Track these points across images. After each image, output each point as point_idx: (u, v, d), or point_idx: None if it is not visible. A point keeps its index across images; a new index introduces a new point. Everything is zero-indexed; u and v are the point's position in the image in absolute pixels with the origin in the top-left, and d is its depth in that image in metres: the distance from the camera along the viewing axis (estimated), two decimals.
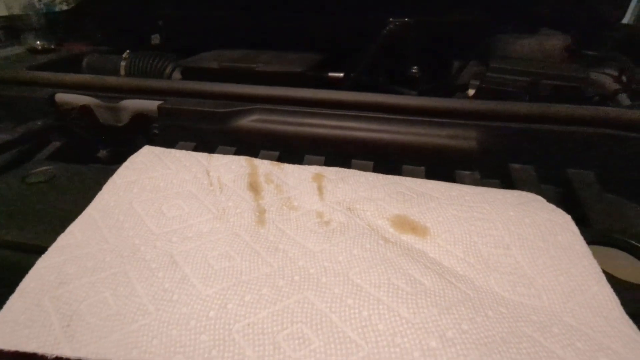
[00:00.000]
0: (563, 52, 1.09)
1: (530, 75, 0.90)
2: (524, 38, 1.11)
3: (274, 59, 1.11)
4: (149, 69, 1.19)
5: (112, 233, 0.29)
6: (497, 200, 0.32)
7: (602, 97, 0.94)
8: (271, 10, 1.34)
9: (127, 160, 0.37)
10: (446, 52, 1.19)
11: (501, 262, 0.26)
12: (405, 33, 1.06)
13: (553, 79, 0.89)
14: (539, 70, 0.91)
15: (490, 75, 0.95)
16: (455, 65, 1.14)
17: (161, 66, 1.24)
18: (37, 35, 1.19)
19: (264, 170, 0.37)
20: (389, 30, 1.03)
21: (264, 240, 0.28)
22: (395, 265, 0.26)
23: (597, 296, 0.24)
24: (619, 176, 0.47)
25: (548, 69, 0.92)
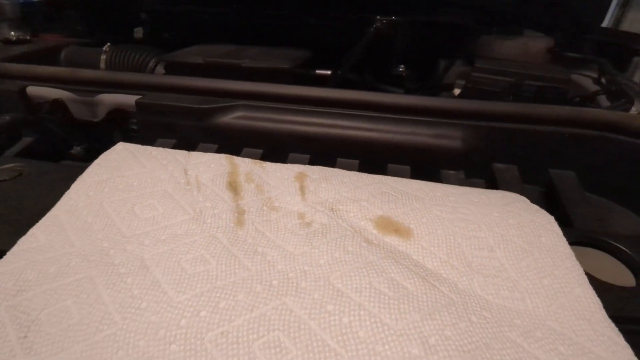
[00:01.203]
0: (546, 53, 1.11)
1: (514, 76, 0.91)
2: (508, 39, 1.12)
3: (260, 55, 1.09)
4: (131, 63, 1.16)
5: (78, 235, 0.27)
6: (481, 200, 0.31)
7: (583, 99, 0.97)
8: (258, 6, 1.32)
9: (99, 158, 0.35)
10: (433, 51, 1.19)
11: (485, 265, 0.26)
12: (391, 31, 1.06)
13: (536, 80, 0.90)
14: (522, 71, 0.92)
15: (475, 75, 0.96)
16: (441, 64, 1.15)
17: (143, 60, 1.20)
18: (12, 25, 1.14)
19: (245, 169, 0.36)
20: (375, 28, 1.02)
21: (242, 242, 0.27)
22: (378, 268, 0.25)
23: (580, 299, 0.23)
24: (599, 176, 0.47)
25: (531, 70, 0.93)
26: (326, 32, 1.33)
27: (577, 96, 0.96)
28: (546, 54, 1.10)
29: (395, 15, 1.29)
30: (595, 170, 0.47)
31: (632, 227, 0.45)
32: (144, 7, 1.49)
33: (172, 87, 0.57)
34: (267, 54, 1.11)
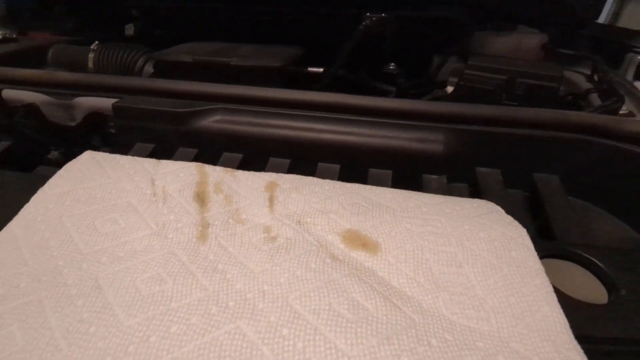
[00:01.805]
0: (540, 50, 1.10)
1: (507, 74, 0.90)
2: (502, 36, 1.11)
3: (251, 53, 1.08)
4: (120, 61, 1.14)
5: (33, 253, 0.26)
6: (454, 212, 0.30)
7: (575, 96, 0.95)
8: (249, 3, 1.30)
9: (63, 168, 0.34)
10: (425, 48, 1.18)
11: (452, 282, 0.25)
12: (381, 28, 1.04)
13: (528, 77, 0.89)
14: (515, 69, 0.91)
15: (467, 72, 0.95)
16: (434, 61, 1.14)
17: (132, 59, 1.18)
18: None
19: (215, 179, 0.35)
20: (365, 26, 1.01)
21: (202, 259, 0.26)
22: (339, 287, 0.24)
23: (546, 318, 0.23)
24: (583, 180, 0.46)
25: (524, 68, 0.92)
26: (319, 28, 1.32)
27: (570, 94, 0.95)
28: (540, 50, 1.09)
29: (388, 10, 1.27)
30: (580, 174, 0.47)
31: (615, 232, 0.44)
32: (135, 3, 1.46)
33: (152, 90, 0.56)
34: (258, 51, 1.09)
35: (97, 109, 0.55)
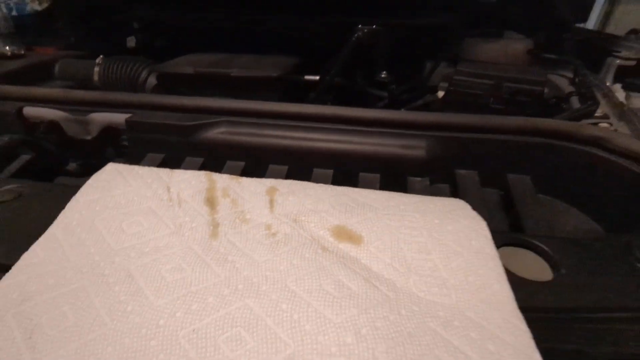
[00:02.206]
0: (526, 55, 1.16)
1: (494, 79, 0.96)
2: (490, 42, 1.16)
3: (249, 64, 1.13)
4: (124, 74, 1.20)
5: (73, 251, 0.31)
6: (427, 209, 0.36)
7: (559, 99, 1.01)
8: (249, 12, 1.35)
9: (91, 179, 0.39)
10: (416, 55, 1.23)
11: (422, 266, 0.30)
12: (373, 39, 1.10)
13: (514, 82, 0.95)
14: (501, 74, 0.97)
15: (456, 78, 1.01)
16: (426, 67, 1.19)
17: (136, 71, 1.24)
18: (6, 40, 1.17)
19: (222, 185, 0.40)
20: (357, 37, 1.06)
21: (214, 252, 0.32)
22: (328, 272, 0.29)
23: (496, 293, 0.28)
24: (551, 179, 0.52)
25: (510, 73, 0.98)
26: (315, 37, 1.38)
27: (554, 97, 1.01)
28: (526, 55, 1.15)
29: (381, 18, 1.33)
30: (548, 174, 0.52)
31: (579, 224, 0.49)
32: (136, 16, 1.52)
33: (160, 105, 0.61)
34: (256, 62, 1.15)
35: (111, 123, 0.61)
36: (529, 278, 0.31)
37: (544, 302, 0.28)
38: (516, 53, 1.13)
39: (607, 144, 0.47)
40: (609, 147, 0.47)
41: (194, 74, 1.11)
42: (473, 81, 0.97)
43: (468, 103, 0.99)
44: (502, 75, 0.94)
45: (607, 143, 0.47)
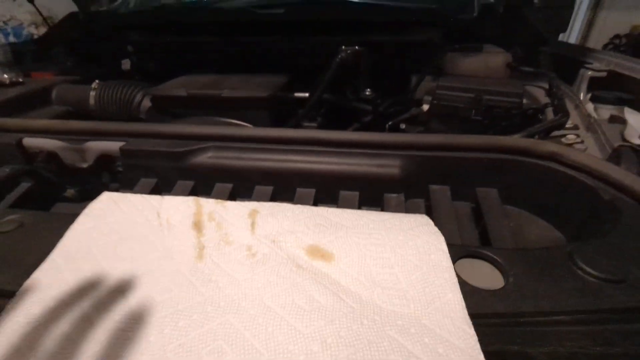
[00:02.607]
0: (505, 68, 1.22)
1: (474, 92, 1.01)
2: (470, 56, 1.22)
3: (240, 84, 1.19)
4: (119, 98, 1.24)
5: (72, 276, 0.35)
6: (393, 226, 0.40)
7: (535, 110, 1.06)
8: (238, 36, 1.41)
9: (87, 208, 0.43)
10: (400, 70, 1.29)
11: (385, 279, 0.34)
12: (356, 59, 1.15)
13: (493, 94, 1.00)
14: (481, 87, 1.02)
15: (439, 92, 1.06)
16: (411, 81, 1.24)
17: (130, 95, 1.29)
18: (5, 69, 1.21)
19: (208, 209, 0.44)
20: (341, 58, 1.12)
21: (200, 273, 0.35)
22: (300, 288, 0.33)
23: (449, 302, 0.31)
24: (516, 192, 0.56)
25: (489, 86, 1.03)
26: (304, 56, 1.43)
27: (531, 108, 1.06)
28: (505, 68, 1.20)
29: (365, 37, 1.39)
30: (513, 187, 0.56)
31: (542, 233, 0.53)
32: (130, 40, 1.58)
33: (152, 133, 0.65)
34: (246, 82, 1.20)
35: (106, 151, 0.65)
36: (482, 287, 0.34)
37: (493, 308, 0.32)
38: (496, 66, 1.18)
39: (562, 158, 0.52)
40: (564, 162, 0.51)
41: (186, 96, 1.16)
42: (455, 95, 1.03)
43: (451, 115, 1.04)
44: (482, 88, 1.00)
45: (562, 158, 0.52)
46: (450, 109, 1.02)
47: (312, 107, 1.13)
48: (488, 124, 0.98)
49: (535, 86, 1.11)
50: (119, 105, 1.21)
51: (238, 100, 1.11)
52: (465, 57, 1.19)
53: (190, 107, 1.14)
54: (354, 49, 1.12)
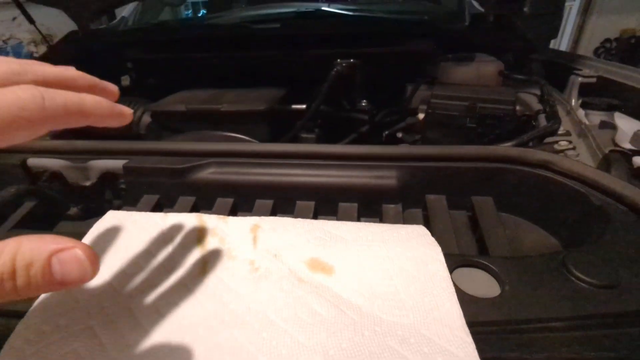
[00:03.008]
0: (497, 76, 1.24)
1: (468, 100, 1.04)
2: (463, 65, 1.25)
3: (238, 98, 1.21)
4: None
5: (81, 294, 0.36)
6: (391, 238, 0.41)
7: (529, 117, 1.09)
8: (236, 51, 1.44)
9: (92, 228, 0.44)
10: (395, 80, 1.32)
11: (385, 291, 0.35)
12: (351, 71, 1.18)
13: (487, 102, 1.03)
14: (474, 95, 1.04)
15: (434, 101, 1.08)
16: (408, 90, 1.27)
17: None
18: None
19: (211, 225, 0.45)
20: (336, 71, 1.14)
21: (204, 288, 0.36)
22: (303, 301, 0.34)
23: (447, 311, 0.32)
24: (511, 199, 0.57)
25: (482, 94, 1.06)
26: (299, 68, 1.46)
27: (524, 114, 1.08)
28: (497, 76, 1.23)
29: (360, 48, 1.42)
30: (508, 195, 0.57)
31: (538, 240, 0.55)
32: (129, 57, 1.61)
33: (155, 151, 0.67)
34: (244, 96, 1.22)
35: (109, 169, 0.66)
36: (479, 295, 0.35)
37: (489, 316, 0.33)
38: (488, 74, 1.21)
39: (554, 166, 0.53)
40: (556, 169, 0.53)
41: (186, 111, 1.18)
42: (449, 103, 1.05)
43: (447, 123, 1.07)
44: (476, 96, 1.02)
45: (554, 165, 0.53)
46: (445, 118, 1.04)
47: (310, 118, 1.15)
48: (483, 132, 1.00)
49: (528, 93, 1.14)
50: None
51: (237, 114, 1.13)
52: (458, 66, 1.22)
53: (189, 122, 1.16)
54: (349, 62, 1.15)
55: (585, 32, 4.99)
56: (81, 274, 0.23)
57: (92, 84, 0.29)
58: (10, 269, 0.20)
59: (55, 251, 0.22)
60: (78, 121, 0.25)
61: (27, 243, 0.21)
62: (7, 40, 3.35)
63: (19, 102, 0.21)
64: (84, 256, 0.23)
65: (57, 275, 0.22)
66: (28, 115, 0.21)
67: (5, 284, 0.20)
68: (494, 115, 0.97)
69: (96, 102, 0.26)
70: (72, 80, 0.27)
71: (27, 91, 0.21)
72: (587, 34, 4.89)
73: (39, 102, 0.21)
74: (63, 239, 0.23)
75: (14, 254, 0.20)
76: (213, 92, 1.25)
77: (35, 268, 0.21)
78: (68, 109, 0.23)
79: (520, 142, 0.83)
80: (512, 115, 0.97)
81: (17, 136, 0.22)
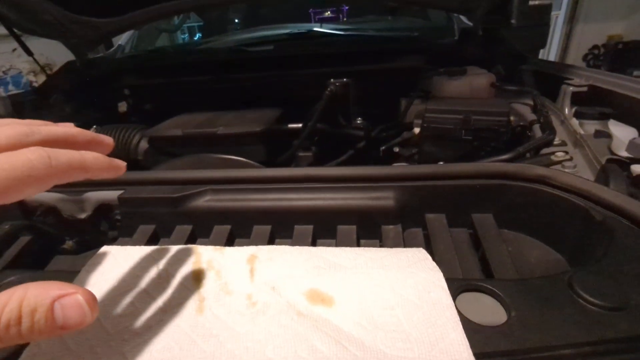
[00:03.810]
0: (489, 88, 1.26)
1: (462, 113, 1.04)
2: (455, 79, 1.26)
3: (234, 120, 1.21)
4: (117, 141, 1.27)
5: (73, 339, 0.34)
6: (391, 264, 0.40)
7: (523, 127, 1.09)
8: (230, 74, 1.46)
9: (86, 265, 0.43)
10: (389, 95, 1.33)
11: (387, 322, 0.34)
12: (345, 90, 1.19)
13: (481, 114, 1.03)
14: (468, 108, 1.05)
15: (428, 115, 1.09)
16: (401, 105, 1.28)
17: (128, 137, 1.32)
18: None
19: (207, 257, 0.44)
20: (330, 91, 1.16)
21: (200, 327, 0.35)
22: (303, 337, 0.32)
23: (453, 342, 0.31)
24: (511, 215, 0.56)
25: (476, 107, 1.06)
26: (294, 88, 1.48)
27: (518, 125, 1.08)
28: (489, 88, 1.24)
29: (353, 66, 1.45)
30: (508, 211, 0.57)
31: (542, 255, 0.53)
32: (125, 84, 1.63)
33: (150, 180, 0.67)
34: (240, 118, 1.23)
35: (105, 200, 0.65)
36: (484, 323, 0.34)
37: (497, 346, 0.32)
38: (480, 87, 1.22)
39: (552, 181, 0.53)
40: (554, 184, 0.52)
41: (182, 135, 1.18)
42: (444, 117, 1.06)
43: (442, 137, 1.07)
44: (469, 109, 1.03)
45: (552, 180, 0.53)
46: (440, 131, 1.04)
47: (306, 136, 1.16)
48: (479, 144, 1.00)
49: (521, 103, 1.15)
50: (117, 149, 1.23)
51: (233, 136, 1.13)
52: (451, 80, 1.23)
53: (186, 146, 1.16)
54: (342, 81, 1.17)
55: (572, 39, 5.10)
56: (81, 319, 0.24)
57: (90, 139, 0.32)
58: (17, 315, 0.22)
59: (57, 297, 0.23)
60: (80, 176, 0.28)
61: (32, 289, 0.23)
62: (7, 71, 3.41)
63: (29, 163, 0.23)
64: (84, 301, 0.24)
65: (59, 321, 0.23)
66: (37, 174, 0.24)
67: (11, 329, 0.22)
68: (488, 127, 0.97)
69: (95, 158, 0.29)
70: (72, 137, 0.30)
71: (36, 153, 0.24)
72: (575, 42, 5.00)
73: (46, 162, 0.24)
74: (65, 285, 0.25)
75: (21, 301, 0.22)
76: (209, 115, 1.25)
77: (39, 313, 0.22)
78: (71, 166, 0.26)
79: (517, 155, 0.83)
80: (506, 127, 0.97)
81: (25, 193, 0.24)
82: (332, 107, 1.17)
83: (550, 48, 4.96)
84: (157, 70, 1.57)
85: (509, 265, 0.48)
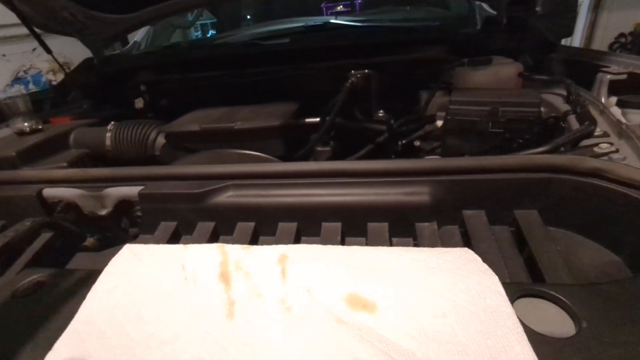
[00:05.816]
0: (516, 78, 1.19)
1: (489, 105, 0.98)
2: (480, 69, 1.20)
3: (252, 115, 1.19)
4: (134, 137, 1.26)
5: (94, 345, 0.32)
6: (437, 266, 0.36)
7: (556, 118, 1.02)
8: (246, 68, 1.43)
9: (109, 265, 0.41)
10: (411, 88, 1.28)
11: (439, 331, 0.30)
12: (366, 82, 1.14)
13: (510, 106, 0.97)
14: (496, 99, 0.99)
15: (453, 107, 1.03)
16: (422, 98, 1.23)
17: (145, 133, 1.31)
18: (25, 117, 1.25)
19: (235, 258, 0.41)
20: (351, 82, 1.11)
21: (232, 335, 0.32)
22: (345, 349, 0.29)
23: (518, 356, 0.27)
24: (558, 211, 0.52)
25: (504, 98, 1.00)
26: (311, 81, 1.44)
27: (551, 116, 1.02)
28: (517, 78, 1.18)
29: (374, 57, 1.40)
30: (554, 207, 0.52)
31: (595, 256, 0.49)
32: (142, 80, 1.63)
33: (170, 175, 0.64)
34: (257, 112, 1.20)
35: (125, 197, 0.64)
36: (549, 334, 0.30)
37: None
38: (507, 77, 1.16)
39: (608, 174, 0.48)
40: (610, 177, 0.47)
41: (200, 130, 1.16)
42: (469, 109, 1.00)
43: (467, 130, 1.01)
44: (497, 100, 0.97)
45: (608, 173, 0.48)
46: (465, 124, 0.99)
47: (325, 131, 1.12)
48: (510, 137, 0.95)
49: (552, 94, 1.08)
50: (134, 145, 1.22)
51: (251, 131, 1.11)
52: (475, 71, 1.17)
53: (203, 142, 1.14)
54: (364, 73, 1.12)
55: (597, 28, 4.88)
56: None
57: None
58: None
59: None
60: None
61: None
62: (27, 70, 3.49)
63: None
64: None
65: None
66: None
67: None
68: (518, 118, 0.91)
69: None
70: None
71: None
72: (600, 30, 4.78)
73: None
74: None
75: None
76: (226, 110, 1.23)
77: None
78: None
79: (554, 147, 0.77)
80: (537, 118, 0.91)
81: None
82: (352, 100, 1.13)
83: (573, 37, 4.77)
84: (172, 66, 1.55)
85: (560, 267, 0.44)
